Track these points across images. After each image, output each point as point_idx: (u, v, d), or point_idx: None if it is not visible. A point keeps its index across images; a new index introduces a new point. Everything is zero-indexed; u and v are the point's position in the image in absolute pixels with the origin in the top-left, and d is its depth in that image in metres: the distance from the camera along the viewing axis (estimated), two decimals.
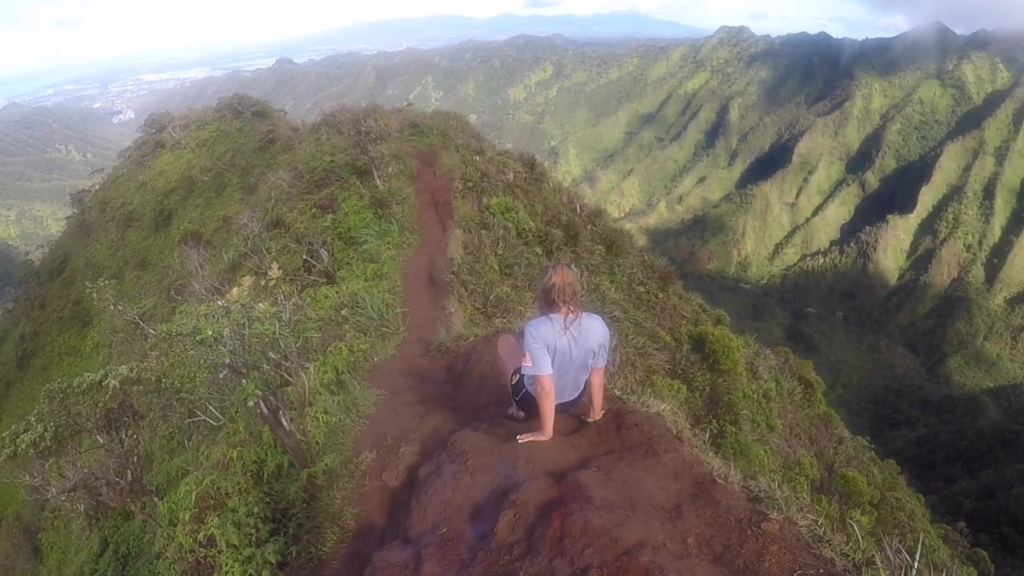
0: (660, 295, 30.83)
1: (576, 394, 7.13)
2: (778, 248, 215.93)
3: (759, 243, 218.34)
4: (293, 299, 12.53)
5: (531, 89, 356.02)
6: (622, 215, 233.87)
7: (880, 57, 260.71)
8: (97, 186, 67.88)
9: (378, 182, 24.79)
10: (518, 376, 7.21)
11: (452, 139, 32.65)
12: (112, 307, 23.47)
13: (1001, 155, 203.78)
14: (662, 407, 7.52)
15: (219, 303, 8.64)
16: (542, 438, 6.83)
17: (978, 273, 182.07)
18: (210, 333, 8.01)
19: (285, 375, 8.80)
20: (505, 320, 15.84)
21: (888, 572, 4.30)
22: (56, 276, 56.50)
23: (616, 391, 8.52)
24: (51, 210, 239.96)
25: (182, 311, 8.50)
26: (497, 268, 20.59)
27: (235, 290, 9.88)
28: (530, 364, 6.60)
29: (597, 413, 7.28)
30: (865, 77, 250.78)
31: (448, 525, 5.85)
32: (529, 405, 7.23)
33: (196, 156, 55.09)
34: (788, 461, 25.59)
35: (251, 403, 8.20)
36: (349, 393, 10.45)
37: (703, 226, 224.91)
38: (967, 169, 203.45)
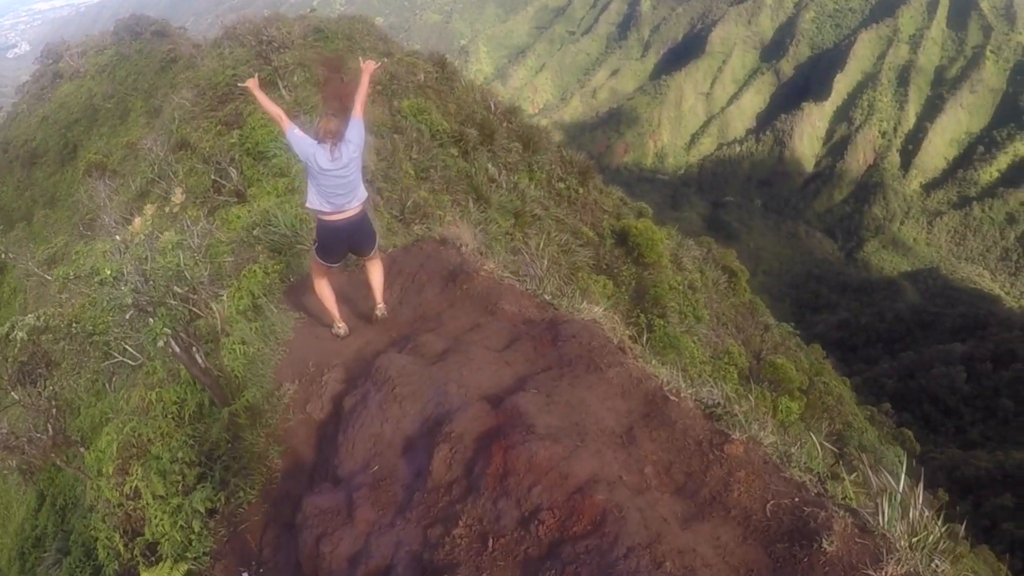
0: (580, 190, 30.57)
1: (357, 204, 7.98)
2: (694, 138, 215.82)
3: (675, 134, 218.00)
4: (200, 224, 11.78)
5: None
6: (536, 111, 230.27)
7: None
8: None
9: (284, 92, 23.61)
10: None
11: (359, 43, 31.39)
12: (10, 256, 22.23)
13: (915, 43, 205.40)
14: (596, 310, 7.11)
15: (117, 238, 7.96)
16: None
17: (893, 159, 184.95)
18: (109, 272, 7.34)
19: (194, 309, 8.12)
20: (424, 226, 15.29)
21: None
22: None
23: (547, 296, 8.08)
24: None
25: (79, 251, 7.81)
26: (413, 173, 19.90)
27: (137, 221, 9.17)
28: (292, 144, 7.73)
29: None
30: None
31: (379, 462, 5.38)
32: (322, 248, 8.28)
33: (97, 83, 52.37)
34: (717, 351, 25.96)
35: (161, 343, 7.58)
36: (267, 319, 9.85)
37: (618, 119, 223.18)
38: (881, 57, 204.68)
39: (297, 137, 7.68)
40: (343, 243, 8.23)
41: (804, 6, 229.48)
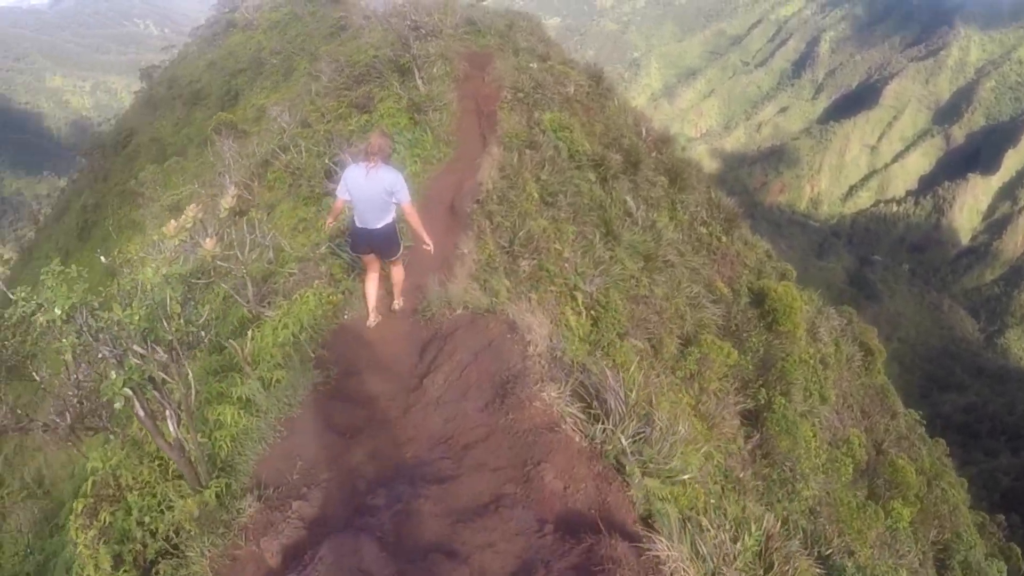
0: (723, 239, 28.10)
1: (377, 225, 9.42)
2: (852, 190, 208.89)
3: (834, 182, 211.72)
4: (255, 233, 10.15)
5: None
6: (698, 135, 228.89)
7: (985, 9, 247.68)
8: (167, 63, 68.73)
9: (420, 84, 22.07)
10: None
11: (514, 41, 29.59)
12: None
13: None
14: (668, 551, 4.74)
15: (101, 258, 6.34)
16: (328, 219, 10.50)
17: None
18: (59, 312, 5.61)
19: (162, 374, 6.16)
20: (534, 261, 13.50)
21: None
22: (121, 150, 56.52)
23: (622, 440, 5.86)
24: (125, 83, 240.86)
25: (46, 272, 6.01)
26: (537, 196, 17.76)
27: (172, 223, 7.60)
28: (339, 189, 9.44)
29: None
30: (965, 28, 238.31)
31: None
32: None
33: (267, 38, 53.97)
34: (836, 438, 23.71)
35: (118, 405, 5.84)
36: (289, 370, 8.04)
37: (779, 156, 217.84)
38: None
39: (342, 182, 9.35)
40: (366, 244, 9.62)
41: (986, 73, 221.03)
